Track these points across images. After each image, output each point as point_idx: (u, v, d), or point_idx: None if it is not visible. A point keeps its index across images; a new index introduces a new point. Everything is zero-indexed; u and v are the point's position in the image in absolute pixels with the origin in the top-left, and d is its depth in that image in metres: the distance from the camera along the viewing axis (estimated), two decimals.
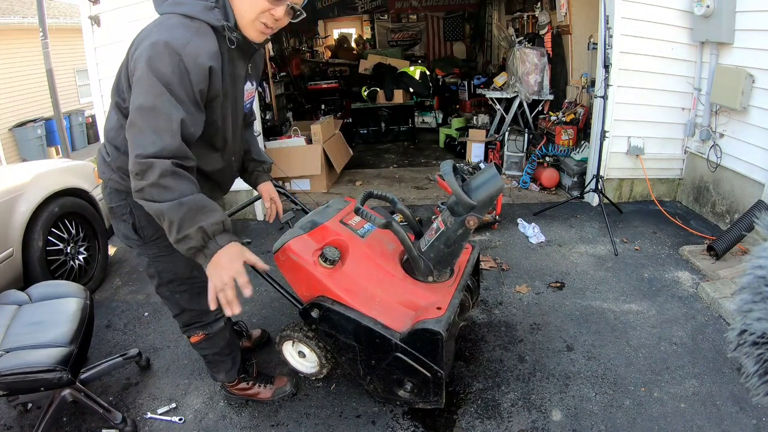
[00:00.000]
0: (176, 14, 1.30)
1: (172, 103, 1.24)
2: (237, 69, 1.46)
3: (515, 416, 1.91)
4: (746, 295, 0.87)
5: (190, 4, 1.31)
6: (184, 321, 1.76)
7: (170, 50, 1.22)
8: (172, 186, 1.23)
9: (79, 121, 10.35)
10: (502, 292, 2.80)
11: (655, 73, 3.69)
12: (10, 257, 2.49)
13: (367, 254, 1.86)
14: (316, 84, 7.08)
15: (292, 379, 2.07)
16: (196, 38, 1.27)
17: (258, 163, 1.91)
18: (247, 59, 1.50)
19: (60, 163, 3.18)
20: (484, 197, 1.67)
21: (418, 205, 4.27)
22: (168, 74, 1.23)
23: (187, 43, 1.25)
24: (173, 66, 1.23)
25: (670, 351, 2.25)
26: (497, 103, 5.56)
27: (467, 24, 9.74)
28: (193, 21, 1.29)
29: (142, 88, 1.24)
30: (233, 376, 1.94)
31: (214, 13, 1.32)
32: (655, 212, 3.81)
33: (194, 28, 1.28)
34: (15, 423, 1.98)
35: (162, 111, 1.23)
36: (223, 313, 1.71)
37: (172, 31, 1.26)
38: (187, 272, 1.66)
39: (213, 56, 1.30)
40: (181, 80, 1.25)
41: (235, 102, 1.51)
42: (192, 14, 1.30)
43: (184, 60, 1.24)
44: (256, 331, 2.40)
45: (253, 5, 1.32)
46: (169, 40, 1.23)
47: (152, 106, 1.23)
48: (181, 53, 1.23)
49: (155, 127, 1.23)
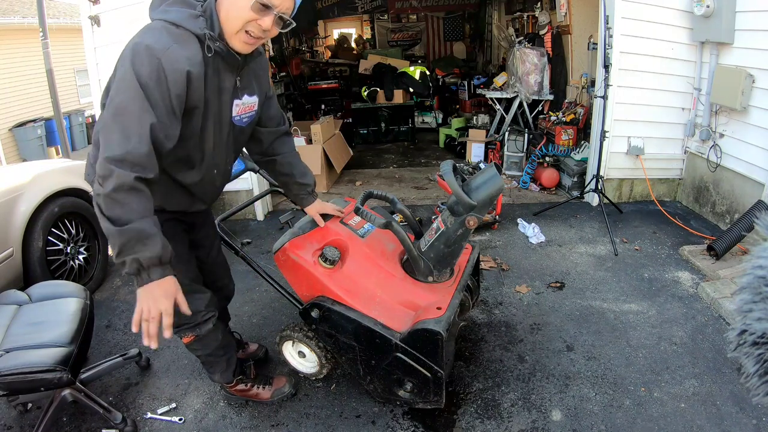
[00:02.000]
0: (162, 20, 1.31)
1: (145, 106, 1.24)
2: (223, 81, 1.42)
3: (515, 416, 1.91)
4: (746, 295, 0.87)
5: (177, 11, 1.32)
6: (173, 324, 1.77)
7: (150, 53, 1.23)
8: (124, 201, 1.22)
9: (79, 121, 10.36)
10: (502, 292, 2.80)
11: (655, 73, 3.69)
12: (10, 257, 2.49)
13: (367, 254, 1.86)
14: (316, 84, 7.08)
15: (291, 379, 2.06)
16: (177, 45, 1.27)
17: (302, 186, 1.86)
18: (235, 71, 1.46)
19: (60, 163, 3.18)
20: (484, 197, 1.67)
21: (418, 205, 4.27)
22: (145, 76, 1.23)
23: (168, 48, 1.25)
24: (151, 68, 1.23)
25: (670, 351, 2.25)
26: (497, 103, 5.56)
27: (467, 24, 9.75)
28: (177, 28, 1.30)
29: (119, 87, 1.25)
30: (228, 377, 1.94)
31: (198, 22, 1.32)
32: (655, 212, 3.81)
33: (177, 35, 1.29)
34: (15, 423, 1.98)
35: (134, 113, 1.23)
36: (212, 313, 1.73)
37: (155, 36, 1.26)
38: None
39: (193, 63, 1.29)
40: (158, 84, 1.25)
41: (219, 115, 1.47)
42: (177, 21, 1.30)
43: (163, 63, 1.24)
44: (252, 345, 2.31)
45: (238, 15, 1.30)
46: (150, 44, 1.23)
47: (125, 107, 1.24)
48: (161, 57, 1.23)
49: (124, 128, 1.23)
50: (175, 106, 1.30)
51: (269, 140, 1.78)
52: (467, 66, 8.94)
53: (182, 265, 1.66)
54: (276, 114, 1.77)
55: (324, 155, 4.64)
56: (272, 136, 1.77)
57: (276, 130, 1.78)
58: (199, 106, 1.37)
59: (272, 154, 1.80)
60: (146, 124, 1.24)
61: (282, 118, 1.81)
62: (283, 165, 1.81)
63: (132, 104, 1.23)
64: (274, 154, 1.80)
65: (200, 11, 1.33)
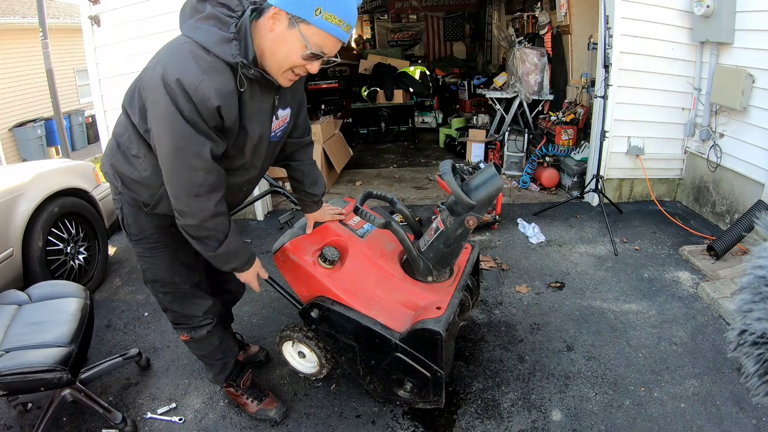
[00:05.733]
0: (192, 41, 1.25)
1: (198, 138, 1.27)
2: (261, 103, 1.40)
3: (515, 416, 1.91)
4: (746, 295, 0.88)
5: (207, 31, 1.25)
6: (170, 319, 1.80)
7: (182, 90, 1.21)
8: (211, 227, 1.41)
9: (79, 121, 10.35)
10: (502, 292, 2.80)
11: (655, 73, 3.69)
12: (10, 257, 2.49)
13: (366, 254, 1.86)
14: (316, 84, 7.07)
15: (282, 406, 1.96)
16: (206, 76, 1.22)
17: (309, 195, 1.87)
18: (273, 90, 1.42)
19: (60, 163, 3.18)
20: (484, 197, 1.67)
21: (418, 205, 4.27)
22: (187, 112, 1.23)
23: (199, 83, 1.21)
24: (190, 105, 1.23)
25: (670, 351, 2.25)
26: (497, 103, 5.56)
27: (467, 24, 9.74)
28: (208, 54, 1.24)
29: (166, 128, 1.26)
30: (220, 380, 1.95)
31: (230, 47, 1.24)
32: (655, 212, 3.81)
33: (207, 64, 1.23)
34: (15, 423, 1.98)
35: (191, 150, 1.27)
36: (209, 321, 1.75)
37: (184, 67, 1.22)
38: (169, 278, 1.67)
39: (223, 96, 1.25)
40: (199, 117, 1.25)
41: (258, 135, 1.44)
42: (207, 46, 1.23)
43: (195, 101, 1.22)
44: (253, 347, 2.29)
45: (287, 58, 1.27)
46: (180, 78, 1.20)
47: (180, 146, 1.27)
48: (191, 93, 1.21)
49: (188, 165, 1.28)
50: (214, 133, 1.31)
51: (291, 150, 1.77)
52: (467, 66, 8.94)
53: (185, 270, 1.69)
54: (302, 124, 1.75)
55: (324, 155, 4.64)
56: (295, 146, 1.77)
57: (299, 141, 1.77)
58: (233, 131, 1.36)
59: (289, 159, 1.80)
60: (207, 153, 1.29)
61: (307, 129, 1.80)
62: (296, 171, 1.81)
63: (184, 142, 1.27)
64: (290, 160, 1.79)
65: (233, 33, 1.25)
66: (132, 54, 3.50)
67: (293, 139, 1.74)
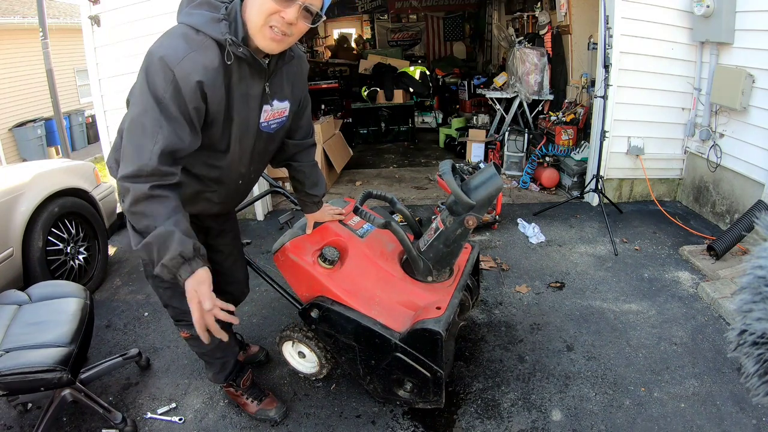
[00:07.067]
0: (185, 24, 1.27)
1: (160, 121, 1.22)
2: (250, 88, 1.37)
3: (515, 416, 1.91)
4: (746, 295, 0.87)
5: (199, 15, 1.27)
6: (170, 315, 1.79)
7: (164, 65, 1.20)
8: (145, 212, 1.22)
9: (79, 121, 10.35)
10: (502, 292, 2.80)
11: (655, 73, 3.69)
12: (10, 257, 2.49)
13: (366, 254, 1.86)
14: (316, 84, 7.07)
15: (282, 406, 1.96)
16: (194, 52, 1.22)
17: (309, 195, 1.86)
18: (264, 76, 1.39)
19: (60, 163, 3.18)
20: (483, 197, 1.67)
21: (418, 205, 4.27)
22: (160, 90, 1.21)
23: (183, 58, 1.21)
24: (166, 82, 1.20)
25: (670, 351, 2.25)
26: (497, 103, 5.56)
27: (467, 24, 9.74)
28: (197, 33, 1.25)
29: (135, 101, 1.25)
30: (220, 379, 1.94)
31: (220, 26, 1.25)
32: (655, 212, 3.81)
33: (196, 42, 1.24)
34: (15, 423, 1.98)
35: (148, 128, 1.22)
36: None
37: (172, 44, 1.23)
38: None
39: (207, 71, 1.24)
40: (175, 97, 1.22)
41: (245, 122, 1.42)
42: (198, 26, 1.25)
43: (177, 76, 1.20)
44: (254, 347, 2.29)
45: (261, 9, 1.23)
46: (164, 55, 1.20)
47: (140, 122, 1.23)
48: (174, 69, 1.20)
49: (138, 144, 1.23)
50: (194, 117, 1.27)
51: (292, 152, 1.75)
52: (467, 66, 8.94)
53: None
54: (305, 125, 1.74)
55: (324, 155, 4.64)
56: (298, 148, 1.75)
57: (302, 143, 1.75)
58: (219, 114, 1.33)
59: (291, 160, 1.78)
60: (160, 140, 1.22)
61: (310, 130, 1.78)
62: (298, 172, 1.80)
63: (147, 119, 1.22)
64: (292, 160, 1.78)
65: (223, 14, 1.27)
66: (132, 54, 3.49)
67: (296, 141, 1.73)
